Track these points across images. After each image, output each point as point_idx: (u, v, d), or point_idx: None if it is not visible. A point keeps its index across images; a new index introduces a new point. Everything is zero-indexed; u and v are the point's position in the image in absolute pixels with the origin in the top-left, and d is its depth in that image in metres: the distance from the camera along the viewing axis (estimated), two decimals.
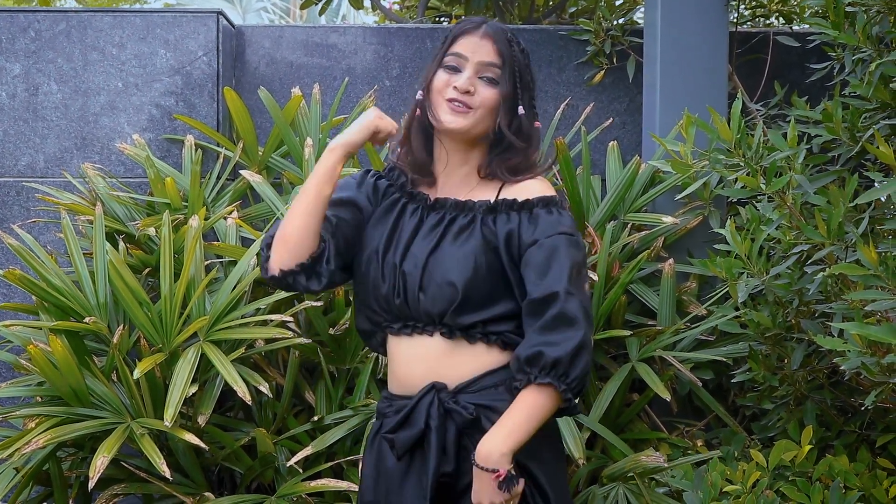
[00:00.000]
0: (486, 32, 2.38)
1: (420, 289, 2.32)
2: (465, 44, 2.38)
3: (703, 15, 3.79)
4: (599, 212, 3.67)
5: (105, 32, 4.10)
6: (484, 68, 2.36)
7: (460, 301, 2.29)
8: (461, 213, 2.38)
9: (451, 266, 2.31)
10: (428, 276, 2.32)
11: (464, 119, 2.36)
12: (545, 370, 2.21)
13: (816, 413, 3.21)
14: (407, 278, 2.33)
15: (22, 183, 4.05)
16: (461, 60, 2.37)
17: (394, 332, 2.39)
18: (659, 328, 3.48)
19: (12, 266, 3.82)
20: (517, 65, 2.41)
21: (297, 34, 4.31)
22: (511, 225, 2.32)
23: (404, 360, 2.38)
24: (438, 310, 2.31)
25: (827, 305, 2.91)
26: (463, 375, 2.33)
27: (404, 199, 2.45)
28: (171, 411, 3.06)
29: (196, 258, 3.37)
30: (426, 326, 2.34)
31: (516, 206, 2.35)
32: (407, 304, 2.34)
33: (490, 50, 2.37)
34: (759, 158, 2.95)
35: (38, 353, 3.09)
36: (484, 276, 2.30)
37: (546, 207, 2.34)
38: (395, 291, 2.35)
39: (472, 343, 2.33)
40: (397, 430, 2.34)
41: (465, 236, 2.34)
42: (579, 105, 4.26)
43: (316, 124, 3.94)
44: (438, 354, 2.34)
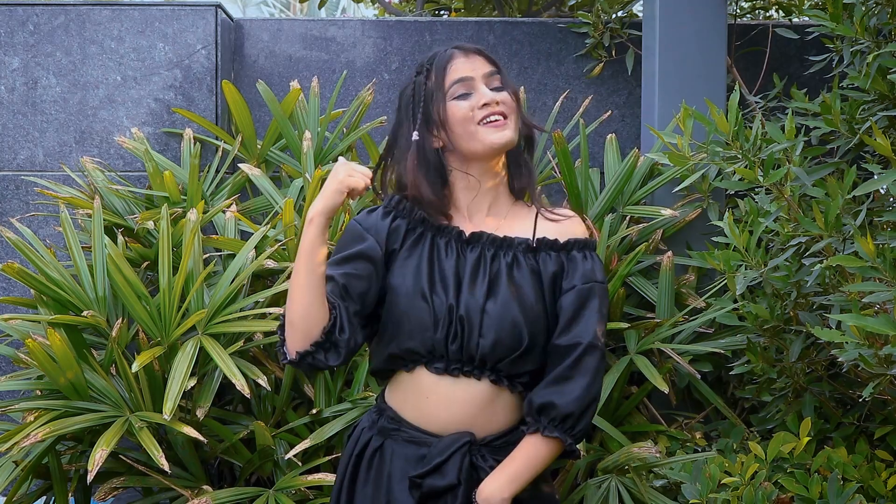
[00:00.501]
0: (468, 50, 2.34)
1: (480, 334, 2.26)
2: (459, 68, 2.33)
3: (701, 7, 3.78)
4: (598, 204, 3.67)
5: (104, 26, 4.10)
6: (489, 79, 2.32)
7: (527, 346, 2.26)
8: (501, 251, 2.33)
9: (514, 309, 2.26)
10: (488, 320, 2.26)
11: (508, 129, 2.31)
12: (554, 423, 2.24)
13: (815, 405, 3.20)
14: (465, 323, 2.26)
15: (21, 176, 4.05)
16: (468, 82, 2.31)
17: (435, 371, 2.30)
18: (657, 321, 3.48)
19: (11, 260, 3.83)
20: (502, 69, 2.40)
21: (295, 27, 4.31)
22: (554, 267, 2.31)
23: (443, 401, 2.30)
24: (499, 354, 2.26)
25: (825, 297, 2.91)
26: (496, 427, 2.31)
27: (430, 232, 2.35)
28: (170, 405, 3.06)
29: (194, 251, 3.37)
30: (475, 370, 2.28)
31: (557, 246, 2.33)
32: (462, 349, 2.27)
33: (483, 61, 2.34)
34: (756, 151, 2.95)
35: (36, 347, 3.09)
36: (540, 323, 2.28)
37: (583, 251, 2.34)
38: (449, 335, 2.27)
39: (513, 392, 2.31)
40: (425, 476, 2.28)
41: (518, 278, 2.30)
42: (578, 98, 4.26)
43: (315, 118, 3.94)
44: (482, 400, 2.29)
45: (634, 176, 3.69)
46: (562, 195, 4.00)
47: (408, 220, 2.36)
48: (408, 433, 2.32)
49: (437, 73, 2.33)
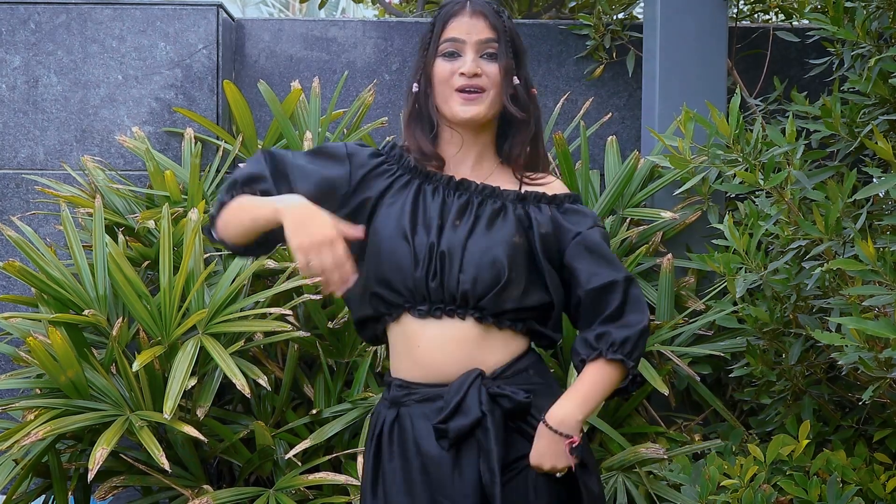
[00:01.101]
0: (475, 10, 2.33)
1: (460, 270, 2.25)
2: (457, 27, 2.33)
3: (702, 10, 3.79)
4: (598, 206, 3.67)
5: (105, 25, 4.10)
6: (483, 46, 2.31)
7: (505, 282, 2.25)
8: (490, 199, 2.33)
9: (494, 247, 2.26)
10: (469, 256, 2.25)
11: (479, 105, 2.30)
12: (613, 347, 2.24)
13: (814, 408, 3.21)
14: (445, 259, 2.25)
15: (21, 175, 4.05)
16: (459, 45, 2.32)
17: (419, 314, 2.28)
18: (657, 323, 3.48)
19: (11, 258, 3.83)
20: (510, 34, 2.35)
21: (296, 27, 4.31)
22: (544, 216, 2.32)
23: (434, 345, 2.29)
24: (480, 291, 2.25)
25: (825, 301, 2.91)
26: (498, 361, 2.29)
27: (418, 179, 2.36)
28: (171, 404, 3.06)
29: (195, 251, 3.38)
30: (458, 309, 2.26)
31: (546, 199, 2.35)
32: (443, 286, 2.26)
33: (484, 26, 2.32)
34: (757, 154, 2.95)
35: (37, 346, 3.09)
36: (523, 262, 2.28)
37: (574, 203, 2.37)
38: (430, 273, 2.26)
39: (501, 329, 2.29)
40: (448, 420, 2.24)
41: (500, 221, 2.30)
42: (578, 100, 4.27)
43: (316, 118, 3.94)
44: (473, 339, 2.27)
45: (635, 178, 3.70)
46: None
47: (396, 166, 2.37)
48: (418, 392, 2.30)
49: (438, 24, 2.35)
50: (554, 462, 2.23)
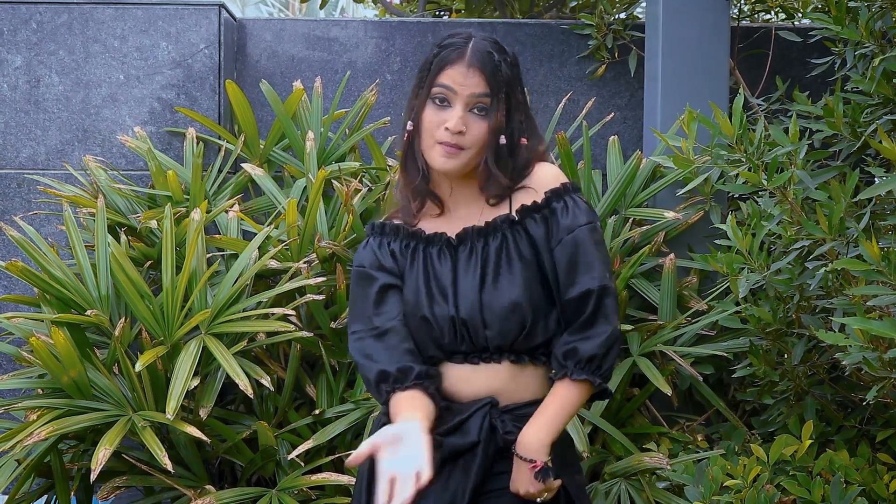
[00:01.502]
0: (472, 62, 2.29)
1: (485, 327, 2.30)
2: (452, 75, 2.29)
3: (704, 9, 3.78)
4: (600, 207, 3.67)
5: (107, 24, 4.10)
6: (474, 100, 2.29)
7: (532, 323, 2.29)
8: (489, 237, 2.35)
9: (509, 292, 2.29)
10: (489, 312, 2.29)
11: (456, 160, 2.30)
12: (580, 365, 2.26)
13: (816, 408, 3.21)
14: (468, 324, 2.30)
15: (23, 175, 4.05)
16: (450, 94, 2.29)
17: (455, 361, 2.35)
18: (660, 323, 3.48)
19: (14, 258, 3.82)
20: (506, 87, 2.33)
21: (298, 27, 4.31)
22: (543, 228, 2.32)
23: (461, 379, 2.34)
24: (510, 340, 2.30)
25: (828, 301, 2.91)
26: (521, 397, 2.33)
27: (422, 244, 2.40)
28: (174, 404, 3.06)
29: (198, 251, 3.37)
30: (493, 355, 2.32)
31: (538, 207, 2.34)
32: (473, 344, 2.32)
33: (479, 81, 2.29)
34: (760, 154, 2.95)
35: (40, 346, 3.09)
36: (540, 293, 2.31)
37: (560, 201, 2.33)
38: (458, 339, 2.32)
39: (537, 365, 2.34)
40: (447, 435, 2.28)
41: (506, 259, 2.32)
42: (580, 99, 4.26)
43: (318, 118, 3.94)
44: (504, 378, 2.33)
45: (637, 178, 3.70)
46: None
47: (399, 240, 2.41)
48: None
49: (434, 67, 2.32)
50: (526, 487, 2.25)
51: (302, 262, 3.46)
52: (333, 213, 3.66)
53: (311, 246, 3.51)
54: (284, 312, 3.31)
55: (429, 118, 2.31)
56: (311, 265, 3.48)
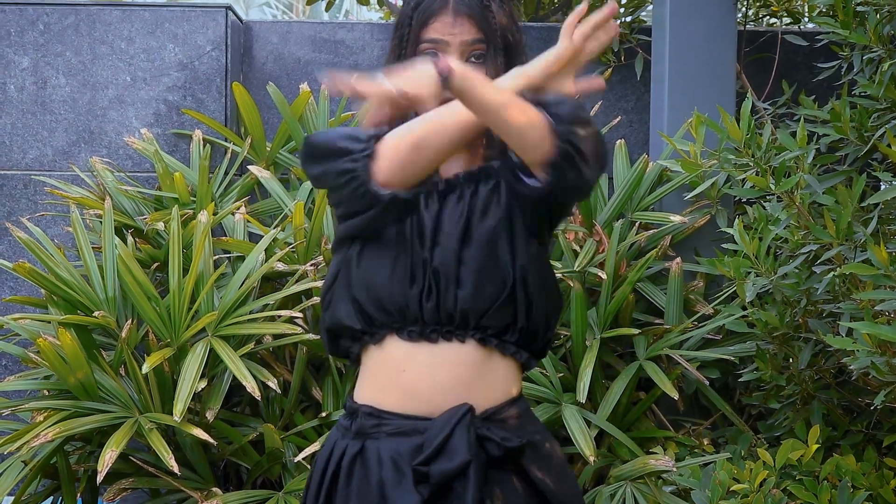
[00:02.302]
0: (459, 9, 2.06)
1: (458, 286, 1.97)
2: (440, 27, 2.06)
3: (711, 13, 3.79)
4: (607, 210, 3.67)
5: (114, 26, 4.10)
6: (469, 47, 2.07)
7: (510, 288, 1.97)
8: (482, 182, 2.03)
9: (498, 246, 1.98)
10: (465, 268, 1.97)
11: None
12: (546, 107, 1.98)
13: (823, 412, 3.21)
14: (440, 274, 1.96)
15: (30, 176, 4.05)
16: (441, 46, 2.05)
17: (409, 336, 1.99)
18: (666, 327, 3.48)
19: (21, 259, 3.83)
20: (500, 31, 2.08)
21: (304, 30, 4.31)
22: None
23: (423, 372, 1.98)
24: (483, 306, 1.97)
25: (835, 305, 2.91)
26: (494, 398, 2.01)
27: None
28: (181, 406, 3.06)
29: (205, 253, 3.38)
30: (457, 330, 1.98)
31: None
32: (438, 306, 1.97)
33: (469, 27, 2.06)
34: (768, 158, 2.95)
35: (47, 347, 3.09)
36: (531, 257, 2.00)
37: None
38: (424, 295, 1.97)
39: (505, 355, 2.02)
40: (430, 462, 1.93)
41: (495, 207, 2.01)
42: (586, 103, 4.25)
43: (324, 120, 3.94)
44: (470, 367, 1.98)
45: (643, 182, 3.70)
46: None
47: None
48: (392, 424, 1.99)
49: (418, 19, 2.08)
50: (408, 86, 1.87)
51: (309, 265, 3.47)
52: None
53: (318, 248, 3.51)
54: (291, 315, 3.31)
55: None
56: (318, 268, 3.48)
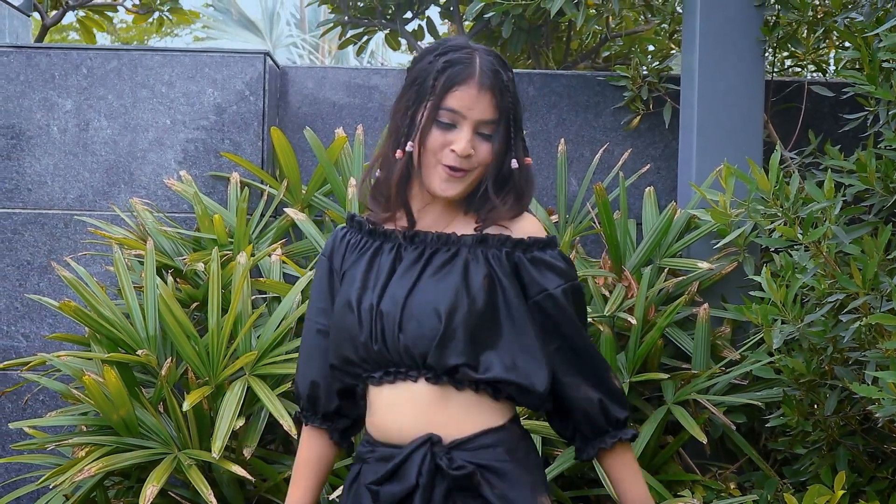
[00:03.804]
0: (484, 84, 2.15)
1: (399, 329, 2.13)
2: (460, 97, 2.15)
3: (739, 63, 3.87)
4: (636, 256, 3.74)
5: (155, 71, 4.21)
6: (481, 126, 2.17)
7: (442, 334, 2.10)
8: (443, 247, 2.19)
9: (433, 297, 2.12)
10: (407, 313, 2.12)
11: (459, 184, 2.18)
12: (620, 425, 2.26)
13: (848, 459, 3.26)
14: (384, 319, 2.13)
15: (70, 215, 4.15)
16: (457, 117, 2.15)
17: (375, 382, 2.19)
18: (694, 372, 3.54)
19: (61, 297, 3.92)
20: (511, 111, 2.20)
21: (339, 75, 4.41)
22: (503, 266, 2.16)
23: (387, 409, 2.18)
24: (421, 349, 2.12)
25: (861, 353, 2.97)
26: (461, 430, 2.14)
27: (377, 240, 2.25)
28: (219, 443, 3.13)
29: (244, 294, 3.46)
30: (409, 371, 2.14)
31: (510, 243, 2.18)
32: (387, 348, 2.14)
33: (487, 105, 2.17)
34: (796, 209, 3.02)
35: (92, 384, 3.18)
36: (468, 311, 2.12)
37: (543, 250, 2.20)
38: (373, 336, 2.15)
39: (460, 390, 2.14)
40: (383, 483, 2.14)
41: (448, 269, 2.16)
42: (615, 149, 4.34)
43: (359, 164, 4.03)
44: (428, 402, 2.14)
45: (672, 229, 3.76)
46: (599, 245, 4.08)
47: (359, 234, 2.29)
48: (378, 451, 2.21)
49: (443, 83, 2.17)
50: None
51: None
52: None
53: None
54: None
55: (434, 142, 2.16)
56: None
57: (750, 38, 3.87)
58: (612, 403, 2.24)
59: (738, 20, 3.87)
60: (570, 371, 2.22)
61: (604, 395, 2.23)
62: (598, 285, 3.66)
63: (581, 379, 2.23)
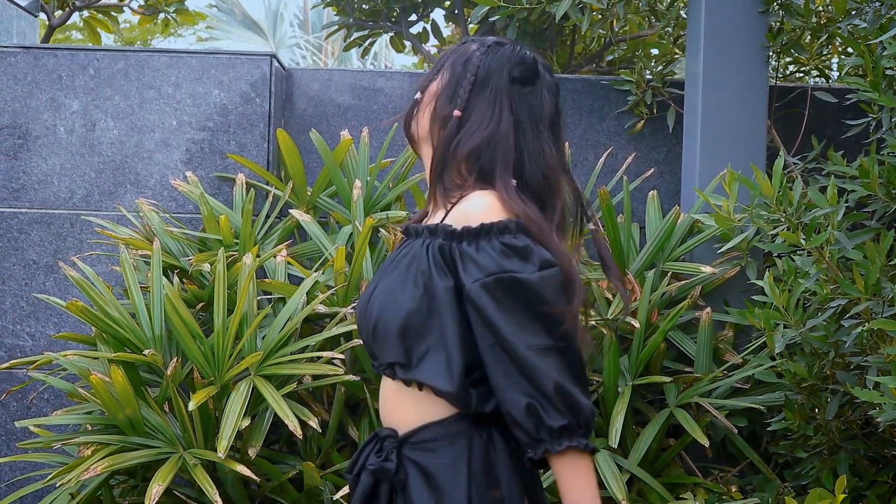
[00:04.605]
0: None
1: (361, 327, 2.20)
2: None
3: (743, 68, 3.89)
4: (639, 260, 3.76)
5: (162, 72, 4.23)
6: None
7: (372, 332, 2.11)
8: (406, 241, 2.19)
9: (379, 297, 2.12)
10: (369, 312, 2.14)
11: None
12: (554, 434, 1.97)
13: (849, 463, 3.28)
14: (364, 315, 2.17)
15: (77, 215, 4.18)
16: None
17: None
18: (696, 375, 3.56)
19: (67, 296, 3.95)
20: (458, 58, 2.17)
21: (345, 78, 4.44)
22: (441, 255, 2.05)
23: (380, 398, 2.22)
24: (371, 348, 2.16)
25: (862, 358, 2.99)
26: (408, 423, 2.10)
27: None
28: (225, 443, 3.16)
29: (249, 295, 3.48)
30: (379, 365, 2.16)
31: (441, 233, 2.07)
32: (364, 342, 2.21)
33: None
34: (799, 215, 3.04)
35: (99, 383, 3.20)
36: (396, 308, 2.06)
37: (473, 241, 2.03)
38: (361, 330, 2.21)
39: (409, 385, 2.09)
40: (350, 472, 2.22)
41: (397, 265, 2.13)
42: (619, 153, 4.37)
43: (364, 167, 4.06)
44: (390, 395, 2.15)
45: (675, 233, 3.78)
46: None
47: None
48: None
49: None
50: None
51: (348, 308, 3.57)
52: (379, 260, 3.77)
53: (357, 292, 3.61)
54: (332, 356, 3.41)
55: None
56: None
57: (754, 43, 3.89)
58: (547, 409, 1.96)
59: (742, 26, 3.89)
60: (497, 372, 1.99)
61: (536, 399, 1.96)
62: (601, 289, 3.68)
63: (509, 381, 1.98)
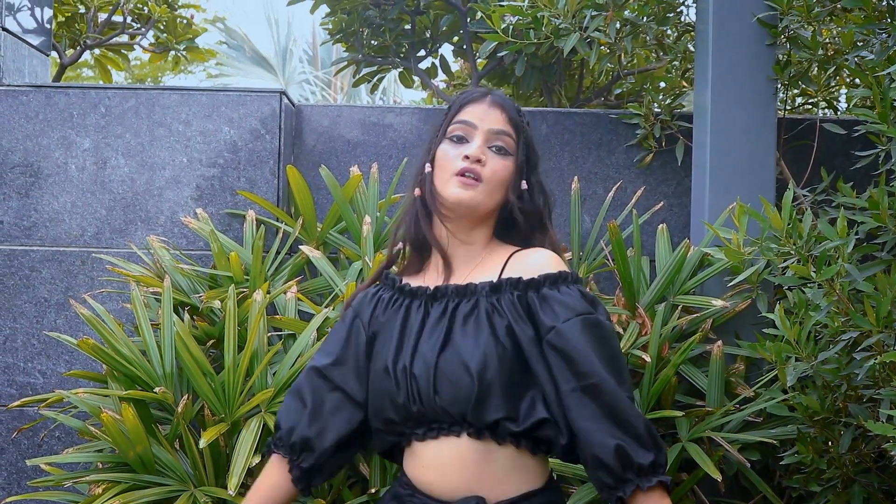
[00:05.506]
0: (494, 101, 2.24)
1: (435, 391, 2.14)
2: (472, 111, 2.24)
3: (752, 101, 3.89)
4: (649, 294, 3.76)
5: (172, 109, 4.26)
6: (494, 137, 2.22)
7: (477, 394, 2.10)
8: (463, 299, 2.20)
9: (463, 357, 2.12)
10: (440, 375, 2.13)
11: (473, 192, 2.19)
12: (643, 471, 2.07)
13: (863, 496, 3.25)
14: (418, 381, 2.15)
15: (88, 252, 4.19)
16: (469, 129, 2.22)
17: (419, 437, 2.20)
18: (708, 409, 3.54)
19: (79, 333, 3.95)
20: (526, 136, 2.26)
21: (354, 114, 4.45)
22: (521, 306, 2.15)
23: (432, 465, 2.19)
24: (459, 409, 2.12)
25: (875, 391, 2.98)
26: (505, 492, 2.13)
27: (406, 298, 2.28)
28: (235, 480, 3.15)
29: (260, 331, 3.48)
30: (452, 427, 2.15)
31: (521, 285, 2.16)
32: (425, 408, 2.16)
33: (500, 118, 2.23)
34: (809, 248, 3.04)
35: (110, 421, 3.20)
36: (499, 365, 2.11)
37: (554, 287, 2.16)
38: (410, 398, 2.16)
39: (502, 445, 2.14)
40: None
41: (473, 323, 2.16)
42: (628, 187, 4.37)
43: (374, 202, 4.07)
44: (472, 458, 2.14)
45: (685, 266, 3.78)
46: (613, 283, 4.10)
47: (391, 291, 2.32)
48: (420, 499, 2.21)
49: (453, 108, 2.28)
50: None
51: None
52: None
53: None
54: None
55: (443, 155, 2.23)
56: None
57: (762, 76, 3.90)
58: (635, 447, 2.06)
59: (749, 58, 3.90)
60: (582, 415, 2.08)
61: (623, 440, 2.06)
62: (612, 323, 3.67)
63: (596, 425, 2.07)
